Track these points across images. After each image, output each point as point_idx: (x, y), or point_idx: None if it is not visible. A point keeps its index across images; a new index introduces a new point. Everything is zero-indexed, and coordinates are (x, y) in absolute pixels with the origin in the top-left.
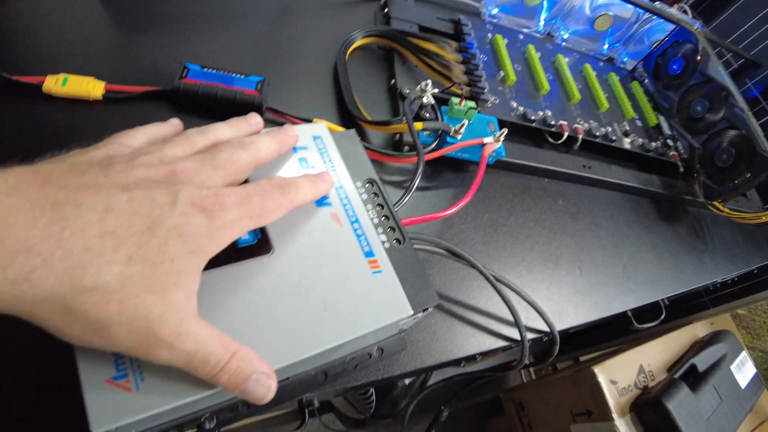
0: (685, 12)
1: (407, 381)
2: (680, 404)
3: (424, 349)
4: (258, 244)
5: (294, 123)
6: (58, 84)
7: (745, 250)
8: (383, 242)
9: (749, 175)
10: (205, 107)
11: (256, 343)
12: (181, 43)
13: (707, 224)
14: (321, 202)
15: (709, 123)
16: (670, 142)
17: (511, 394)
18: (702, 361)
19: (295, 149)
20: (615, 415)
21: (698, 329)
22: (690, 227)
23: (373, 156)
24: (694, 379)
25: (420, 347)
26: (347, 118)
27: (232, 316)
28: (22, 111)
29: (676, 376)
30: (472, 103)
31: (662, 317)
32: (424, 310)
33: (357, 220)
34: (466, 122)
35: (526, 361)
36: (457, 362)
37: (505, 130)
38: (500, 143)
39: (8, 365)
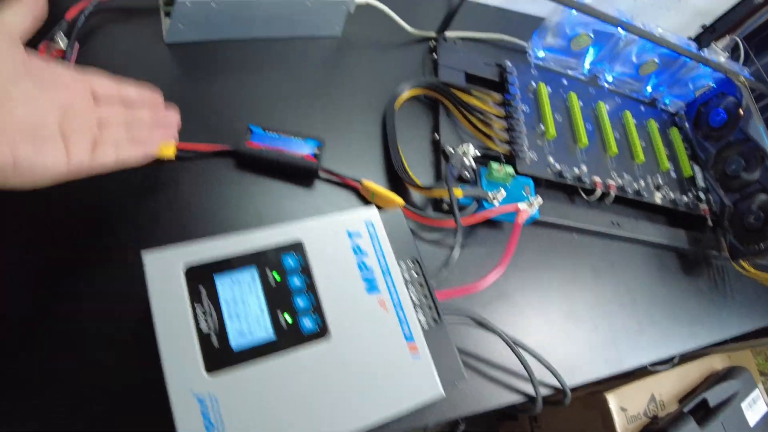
0: (736, 44)
1: None
2: None
3: (448, 403)
4: (321, 330)
5: (346, 184)
6: None
7: (763, 306)
8: (421, 323)
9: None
10: (268, 169)
11: (314, 416)
12: (243, 96)
13: (730, 278)
14: (372, 288)
15: (743, 182)
16: (702, 194)
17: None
18: (714, 395)
19: (350, 235)
20: None
21: (715, 362)
22: (711, 281)
23: (414, 217)
24: (704, 413)
25: (443, 401)
26: (395, 177)
27: (291, 393)
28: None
29: (686, 409)
30: (510, 169)
31: (675, 361)
32: (453, 386)
33: (400, 305)
34: (503, 191)
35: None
36: (475, 414)
37: (539, 200)
38: (534, 209)
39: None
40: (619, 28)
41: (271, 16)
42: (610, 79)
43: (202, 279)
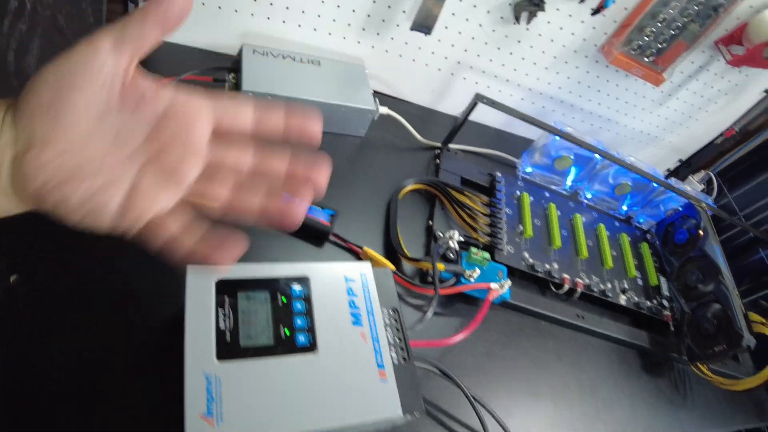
0: (710, 179)
1: None
2: None
3: None
4: (311, 345)
5: (350, 248)
6: None
7: (726, 411)
8: (393, 358)
9: (725, 346)
10: None
11: (293, 410)
12: None
13: (690, 382)
14: (356, 322)
15: (700, 293)
16: (665, 302)
17: None
18: None
19: (346, 279)
20: None
21: None
22: (672, 382)
23: (401, 282)
24: None
25: None
26: (390, 249)
27: (278, 388)
28: None
29: None
30: (486, 255)
31: None
32: (411, 414)
33: (377, 339)
34: (478, 270)
35: None
36: None
37: (509, 282)
38: (504, 290)
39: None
40: (596, 155)
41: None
42: (589, 196)
43: (227, 291)
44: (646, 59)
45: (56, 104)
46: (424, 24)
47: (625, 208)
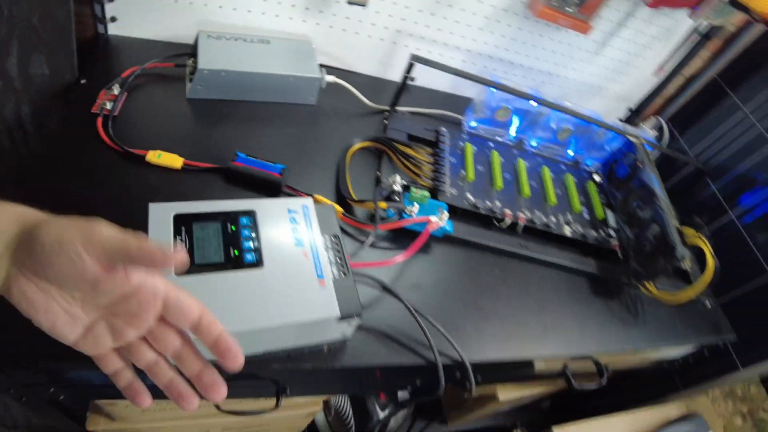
0: (661, 126)
1: (377, 406)
2: None
3: (360, 355)
4: (258, 262)
5: (301, 196)
6: (155, 157)
7: (679, 327)
8: (334, 273)
9: (662, 260)
10: (243, 182)
11: (243, 311)
12: (237, 136)
13: (642, 303)
14: (299, 244)
15: (641, 219)
16: (613, 233)
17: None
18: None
19: (289, 211)
20: None
21: (671, 410)
22: (623, 304)
23: (346, 220)
24: None
25: (356, 354)
26: (340, 196)
27: (229, 295)
28: (130, 171)
29: None
30: (426, 193)
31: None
32: (351, 318)
33: (318, 256)
34: (417, 206)
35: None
36: (382, 368)
37: (447, 214)
38: (443, 222)
39: None
40: (532, 101)
41: (264, 85)
42: (534, 143)
43: (183, 223)
44: (569, 9)
45: (45, 271)
46: None
47: (571, 153)
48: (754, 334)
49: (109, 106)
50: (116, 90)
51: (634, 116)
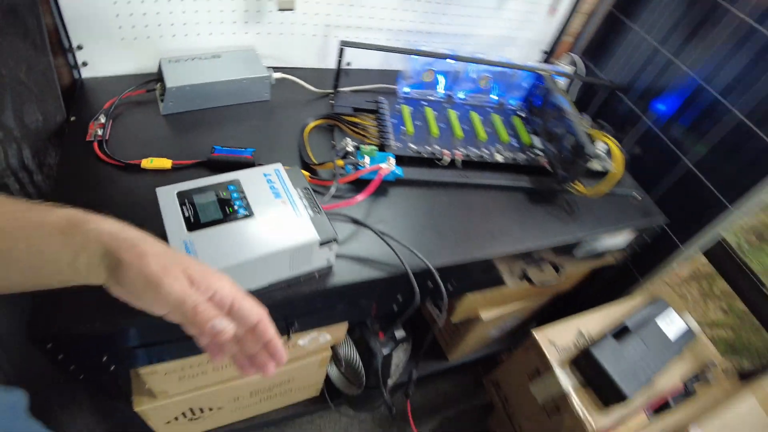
0: (574, 61)
1: (378, 344)
2: (606, 351)
3: (347, 274)
4: (249, 214)
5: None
6: (148, 163)
7: (611, 216)
8: (309, 212)
9: (581, 162)
10: (224, 168)
11: (243, 248)
12: (211, 135)
13: (576, 204)
14: (277, 196)
15: (558, 134)
16: (540, 153)
17: (489, 378)
18: (632, 321)
19: (265, 175)
20: (555, 366)
21: (636, 300)
22: (559, 207)
23: (312, 182)
24: (625, 335)
25: (343, 276)
26: (305, 165)
27: (232, 239)
28: (131, 178)
29: (610, 334)
30: (374, 147)
31: (561, 277)
32: (330, 243)
33: (293, 202)
34: (368, 159)
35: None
36: (365, 285)
37: (394, 160)
38: (392, 167)
39: None
40: (449, 60)
41: (223, 91)
42: (461, 95)
43: (186, 196)
44: None
45: (133, 297)
46: (286, 3)
47: (495, 97)
48: (686, 214)
49: (100, 132)
50: (102, 119)
51: (549, 56)
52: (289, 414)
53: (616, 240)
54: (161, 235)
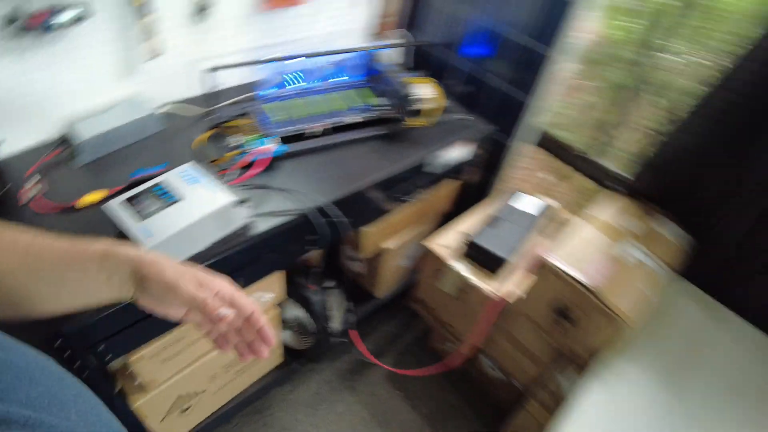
0: (402, 35)
1: (311, 294)
2: (484, 236)
3: (263, 226)
4: (178, 199)
5: None
6: (89, 197)
7: (450, 137)
8: (221, 187)
9: (405, 103)
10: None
11: (177, 221)
12: (126, 167)
13: (424, 136)
14: (195, 182)
15: (389, 90)
16: (385, 107)
17: (413, 298)
18: (499, 211)
19: (180, 171)
20: (450, 261)
21: (500, 199)
22: (409, 141)
23: (220, 172)
24: (496, 221)
25: (261, 228)
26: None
27: (172, 219)
28: (76, 214)
29: (485, 225)
30: (252, 136)
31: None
32: (243, 203)
33: (207, 184)
34: (254, 145)
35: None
36: (281, 231)
37: (278, 139)
38: (277, 145)
39: None
40: (289, 61)
41: (125, 133)
42: (317, 83)
43: (129, 202)
44: None
45: (157, 301)
46: (154, 53)
47: (347, 78)
48: (506, 119)
49: (32, 194)
50: (30, 183)
51: (380, 36)
52: (267, 384)
53: (460, 152)
54: (119, 235)
